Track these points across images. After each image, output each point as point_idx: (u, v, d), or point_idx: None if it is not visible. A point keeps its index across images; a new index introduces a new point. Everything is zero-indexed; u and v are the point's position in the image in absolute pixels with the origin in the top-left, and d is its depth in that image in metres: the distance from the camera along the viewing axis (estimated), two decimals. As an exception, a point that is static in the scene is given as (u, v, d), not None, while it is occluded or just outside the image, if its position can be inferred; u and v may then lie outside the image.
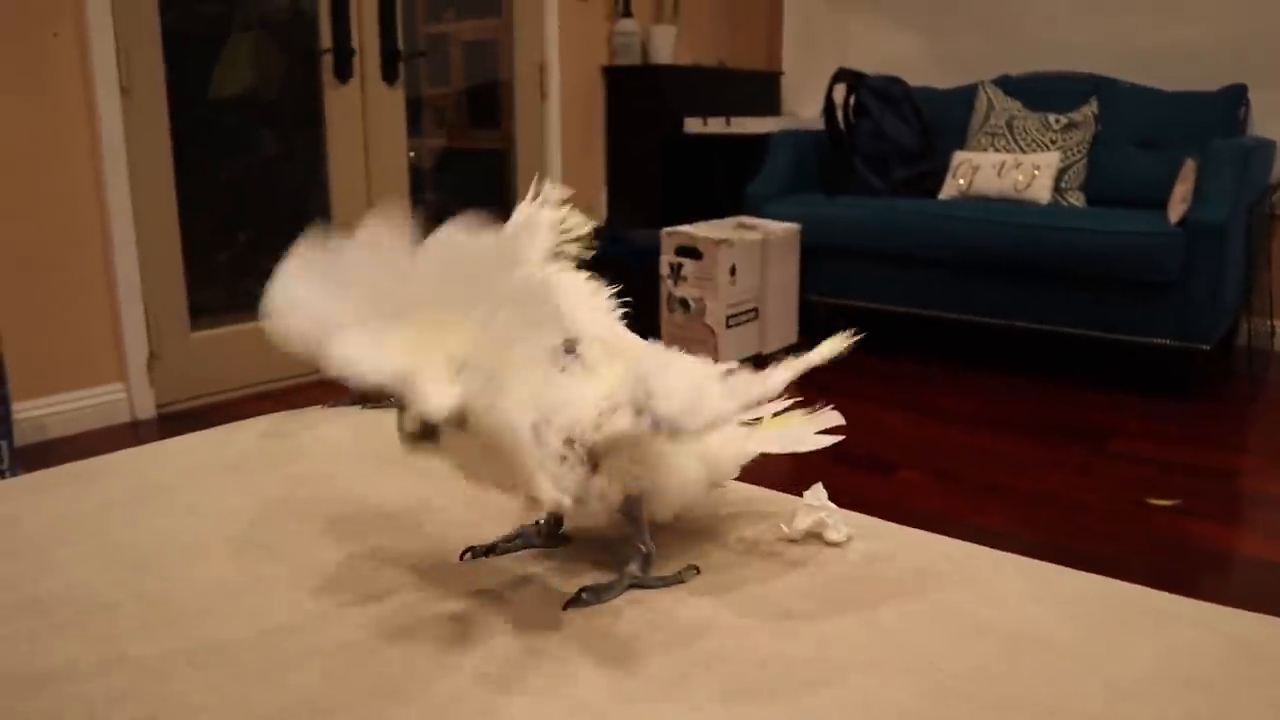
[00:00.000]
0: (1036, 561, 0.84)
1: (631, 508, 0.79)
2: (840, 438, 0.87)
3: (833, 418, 0.88)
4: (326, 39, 3.12)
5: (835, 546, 0.86)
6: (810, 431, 0.87)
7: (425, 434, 0.68)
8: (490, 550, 0.84)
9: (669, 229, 3.26)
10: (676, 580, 0.80)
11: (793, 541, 0.87)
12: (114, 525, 0.91)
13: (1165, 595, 0.79)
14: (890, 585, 0.79)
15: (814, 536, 0.87)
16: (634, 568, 0.79)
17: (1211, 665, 0.69)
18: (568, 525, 0.87)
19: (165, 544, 0.87)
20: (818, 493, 0.88)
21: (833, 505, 0.87)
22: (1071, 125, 3.64)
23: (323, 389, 3.01)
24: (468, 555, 0.84)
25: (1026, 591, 0.79)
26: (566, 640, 0.71)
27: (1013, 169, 3.58)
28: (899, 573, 0.82)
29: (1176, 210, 3.01)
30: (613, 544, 0.84)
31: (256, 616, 0.74)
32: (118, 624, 0.73)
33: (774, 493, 0.96)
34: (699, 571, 0.81)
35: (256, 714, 0.63)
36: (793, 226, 3.44)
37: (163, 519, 0.93)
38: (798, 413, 0.89)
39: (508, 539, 0.86)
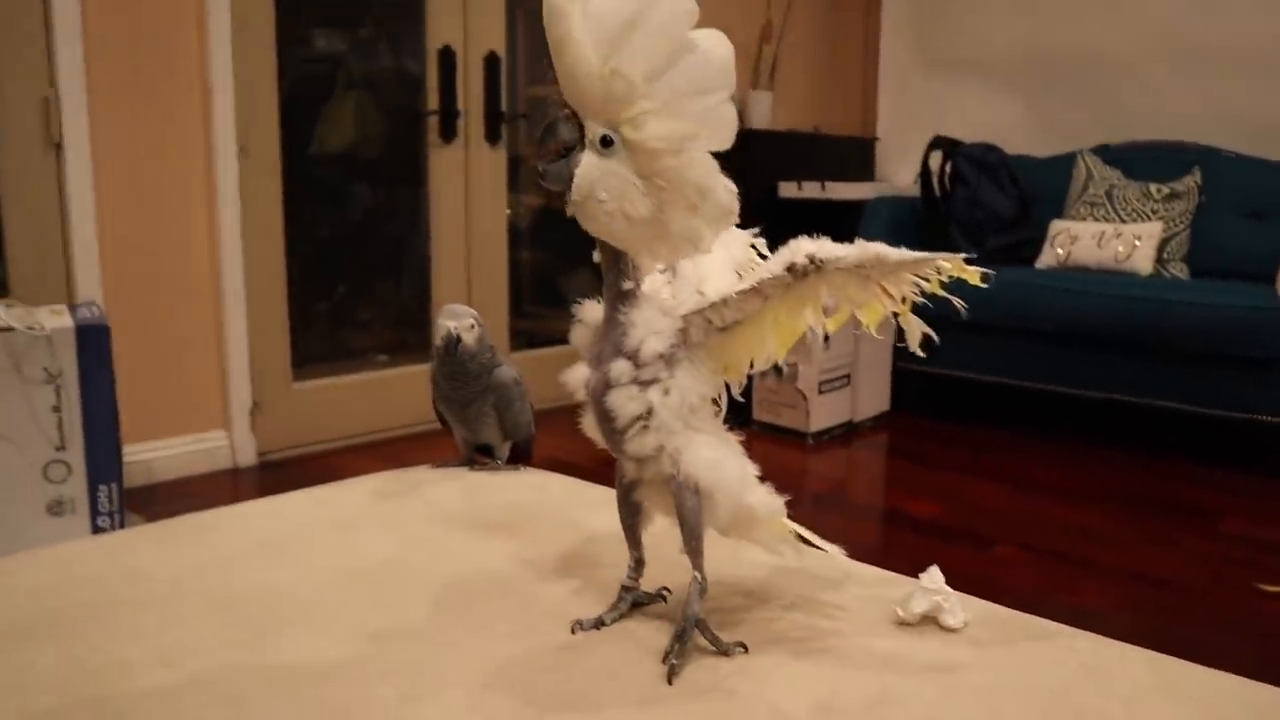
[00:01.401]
0: (1166, 656, 0.81)
1: (689, 514, 0.80)
2: (841, 550, 0.92)
3: (836, 551, 0.93)
4: (434, 101, 3.21)
5: (952, 632, 0.84)
6: (822, 543, 0.92)
7: (564, 151, 0.74)
8: (599, 623, 0.85)
9: (762, 292, 3.26)
10: (725, 648, 0.80)
11: (908, 625, 0.85)
12: (236, 580, 0.94)
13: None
14: (1012, 674, 0.78)
15: (930, 620, 0.85)
16: (694, 605, 0.80)
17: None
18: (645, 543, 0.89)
19: (286, 602, 0.89)
20: (934, 576, 0.86)
21: (949, 589, 0.86)
22: (1173, 195, 3.57)
23: (418, 444, 3.07)
24: (577, 628, 0.84)
25: (1156, 687, 0.76)
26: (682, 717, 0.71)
27: (1113, 239, 3.52)
28: (1021, 661, 0.80)
29: (1287, 285, 2.93)
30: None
31: (378, 680, 0.75)
32: (245, 681, 0.75)
33: (887, 573, 0.95)
34: (746, 650, 0.81)
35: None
36: (886, 292, 3.42)
37: (283, 575, 0.95)
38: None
39: (613, 608, 0.87)
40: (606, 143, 0.73)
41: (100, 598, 0.90)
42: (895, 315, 0.78)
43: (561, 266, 3.95)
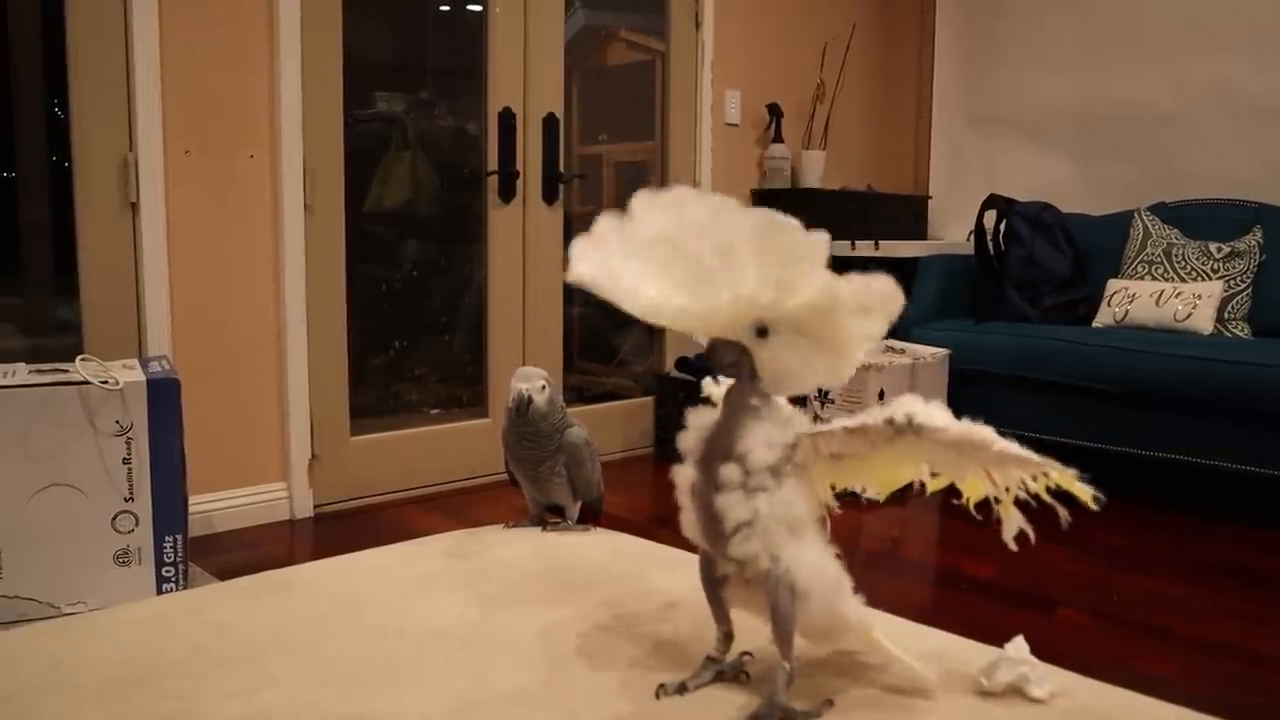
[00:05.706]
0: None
1: (783, 610, 0.81)
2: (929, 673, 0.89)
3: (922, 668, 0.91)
4: (493, 161, 3.27)
5: (1038, 704, 0.84)
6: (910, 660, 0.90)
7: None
8: (682, 688, 0.86)
9: (816, 350, 3.26)
10: (815, 714, 0.82)
11: (991, 695, 0.85)
12: (322, 639, 0.95)
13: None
14: (1101, 750, 0.77)
15: (1015, 691, 0.85)
16: (780, 694, 0.81)
17: None
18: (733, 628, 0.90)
19: (371, 664, 0.90)
20: (1019, 645, 0.86)
21: (1035, 659, 0.85)
22: (1234, 254, 3.54)
23: (469, 497, 3.08)
24: (661, 693, 0.85)
25: (1250, 766, 0.75)
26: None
27: (1172, 298, 3.48)
28: (1109, 737, 0.79)
29: (1353, 346, 2.88)
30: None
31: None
32: (337, 742, 0.76)
33: (969, 642, 0.95)
34: (832, 704, 0.82)
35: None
36: (941, 351, 3.41)
37: (368, 635, 0.96)
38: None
39: (696, 675, 0.87)
40: (762, 332, 0.79)
41: (190, 655, 0.92)
42: (997, 500, 0.78)
43: (611, 323, 3.99)
